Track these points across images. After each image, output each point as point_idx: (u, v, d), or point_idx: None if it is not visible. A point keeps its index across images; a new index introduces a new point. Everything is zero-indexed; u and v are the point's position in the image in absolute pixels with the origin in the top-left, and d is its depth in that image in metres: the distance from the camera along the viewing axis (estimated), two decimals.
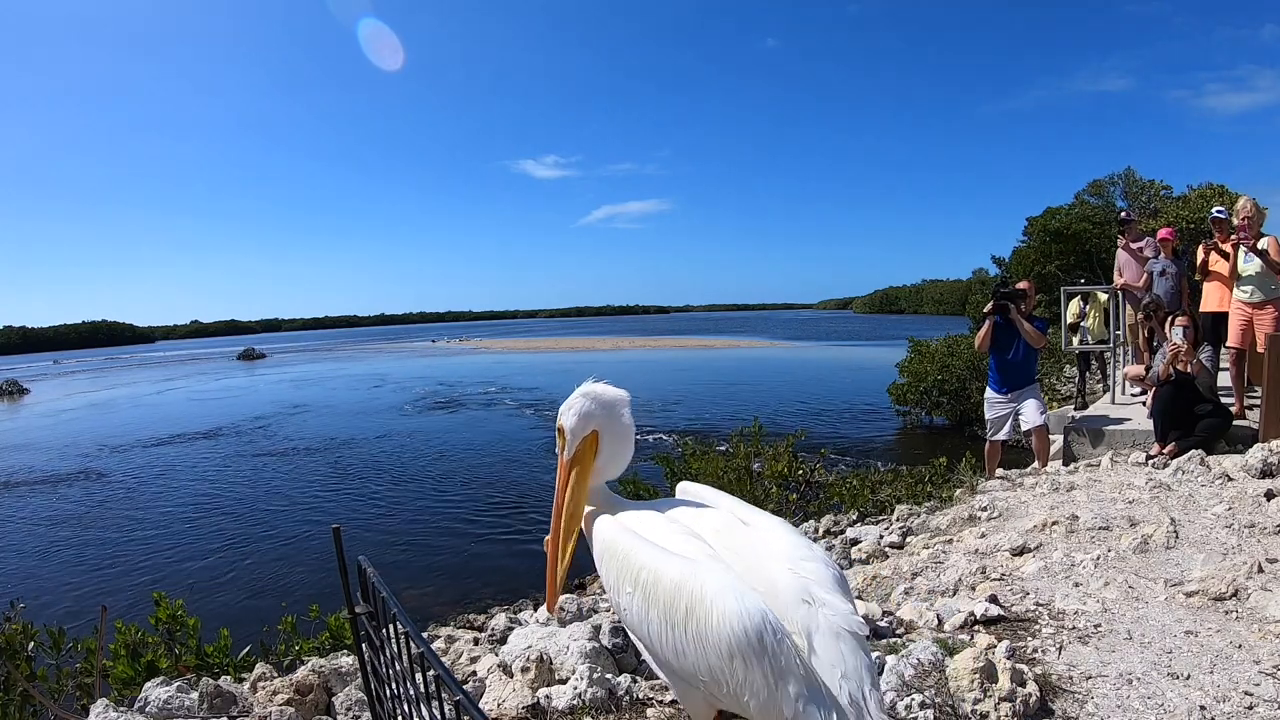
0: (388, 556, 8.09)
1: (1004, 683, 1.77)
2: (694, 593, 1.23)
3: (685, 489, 1.64)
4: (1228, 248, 5.58)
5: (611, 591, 1.40)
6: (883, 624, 2.39)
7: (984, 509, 4.02)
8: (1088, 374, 9.50)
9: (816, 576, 1.30)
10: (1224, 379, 5.86)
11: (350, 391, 27.21)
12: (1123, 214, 8.27)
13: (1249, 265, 5.34)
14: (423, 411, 20.79)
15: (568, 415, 1.54)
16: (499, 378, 29.92)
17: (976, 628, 2.31)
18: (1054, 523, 3.35)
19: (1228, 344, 5.66)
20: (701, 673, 1.24)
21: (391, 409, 21.51)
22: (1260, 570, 2.48)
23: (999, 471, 5.34)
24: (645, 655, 1.45)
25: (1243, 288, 5.42)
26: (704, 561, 1.31)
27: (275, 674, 2.45)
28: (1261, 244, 5.23)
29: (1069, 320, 8.56)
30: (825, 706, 1.16)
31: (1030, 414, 5.45)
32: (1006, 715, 1.72)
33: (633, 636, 1.45)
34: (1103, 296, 8.19)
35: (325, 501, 11.10)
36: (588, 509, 1.57)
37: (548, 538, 1.57)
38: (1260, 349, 5.14)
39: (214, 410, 22.69)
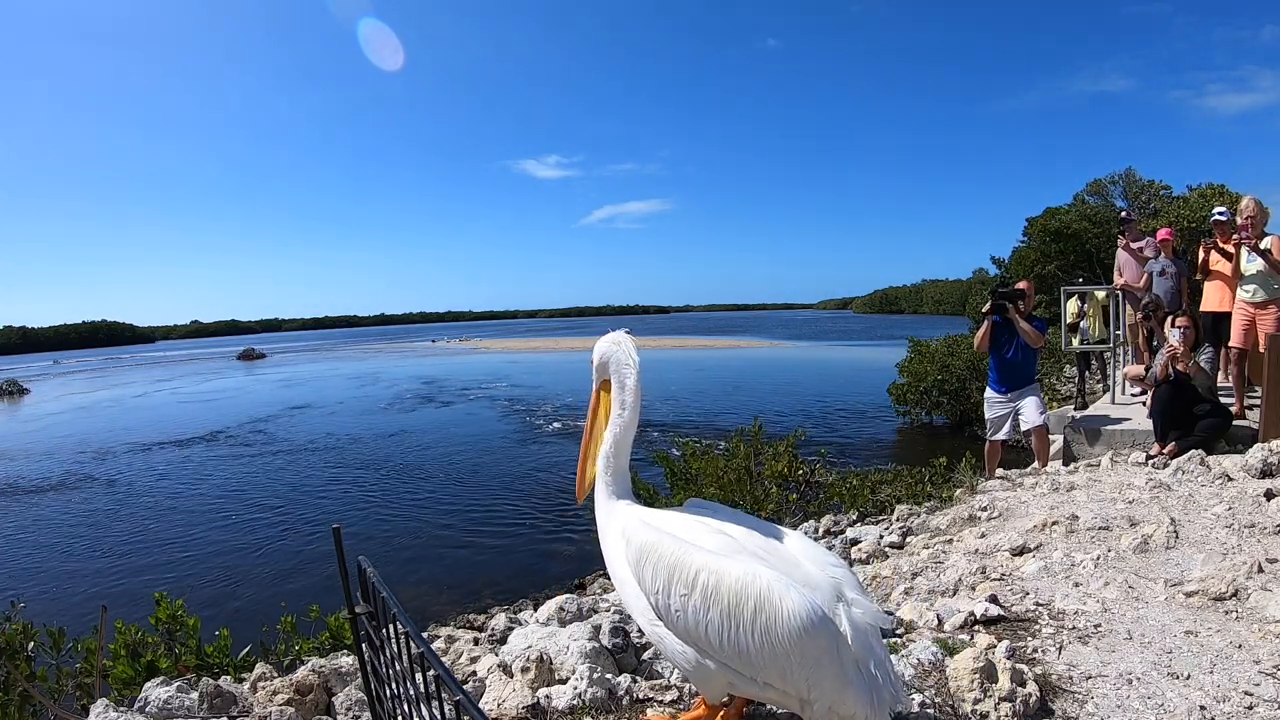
0: (388, 556, 8.09)
1: (1004, 683, 1.77)
2: (760, 592, 1.36)
3: (696, 502, 1.71)
4: (1229, 247, 5.58)
5: (658, 594, 1.47)
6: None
7: (984, 509, 4.02)
8: (1087, 374, 9.50)
9: (843, 578, 1.49)
10: (1225, 378, 5.86)
11: (349, 391, 27.22)
12: (1123, 214, 8.27)
13: (1251, 265, 5.34)
14: (422, 411, 20.80)
15: (595, 352, 1.74)
16: (499, 378, 29.94)
17: (976, 628, 2.30)
18: (1054, 523, 3.35)
19: (1229, 344, 5.65)
20: (766, 663, 1.37)
21: (391, 409, 21.52)
22: (1260, 570, 2.48)
23: (999, 471, 5.34)
24: (665, 644, 1.50)
25: (1245, 287, 5.42)
26: (757, 562, 1.43)
27: (275, 674, 2.45)
28: (1264, 244, 5.22)
29: (1068, 320, 8.56)
30: (867, 688, 1.37)
31: (1030, 414, 5.45)
32: (1006, 715, 1.72)
33: (657, 628, 1.50)
34: (1100, 296, 8.19)
35: (325, 501, 11.11)
36: (610, 501, 1.68)
37: (585, 439, 1.79)
38: (1263, 349, 5.14)
39: (214, 410, 22.69)
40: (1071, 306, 8.53)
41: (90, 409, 25.79)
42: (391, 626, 1.26)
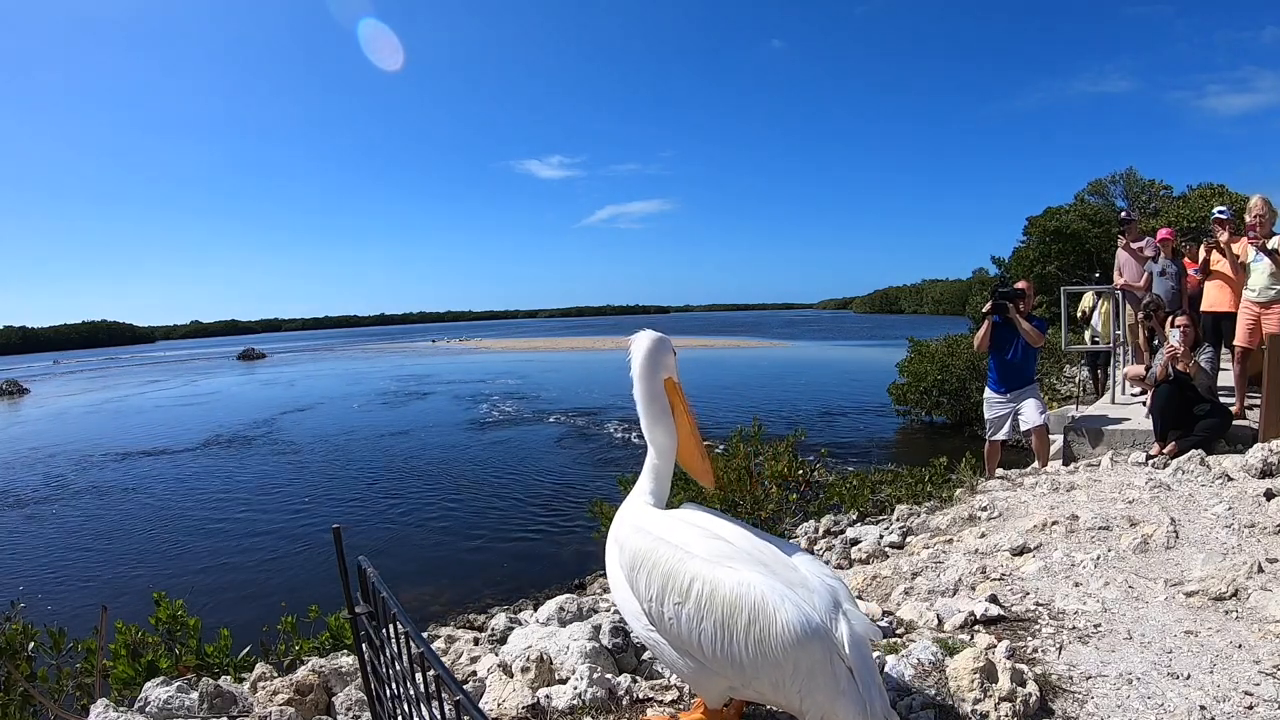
0: (388, 556, 8.09)
1: (1004, 683, 1.76)
2: (754, 603, 1.35)
3: (689, 508, 1.69)
4: (1237, 248, 5.56)
5: (651, 601, 1.45)
6: (883, 624, 2.39)
7: (984, 509, 4.02)
8: (1097, 371, 9.46)
9: (838, 587, 1.48)
10: (1228, 379, 5.84)
11: (349, 391, 27.22)
12: (1123, 214, 8.27)
13: (1258, 264, 5.32)
14: (422, 411, 20.80)
15: (648, 348, 1.73)
16: (497, 377, 29.96)
17: (976, 628, 2.30)
18: (1054, 522, 3.35)
19: (1234, 343, 5.63)
20: (759, 673, 1.36)
21: (391, 409, 21.52)
22: (1260, 570, 2.48)
23: (999, 471, 5.33)
24: (660, 650, 1.50)
25: (1251, 286, 5.41)
26: (753, 570, 1.42)
27: (275, 674, 2.45)
28: (1271, 243, 5.20)
29: (1081, 312, 8.56)
30: (860, 699, 1.36)
31: (1030, 414, 5.45)
32: (1006, 715, 1.71)
33: (652, 634, 1.50)
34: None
35: (325, 501, 11.11)
36: (632, 498, 1.69)
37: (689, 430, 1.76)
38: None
39: (214, 411, 22.70)
40: (1087, 300, 8.53)
41: (90, 410, 25.79)
42: (391, 626, 1.26)
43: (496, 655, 2.57)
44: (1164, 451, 4.81)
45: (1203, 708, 1.72)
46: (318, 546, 8.66)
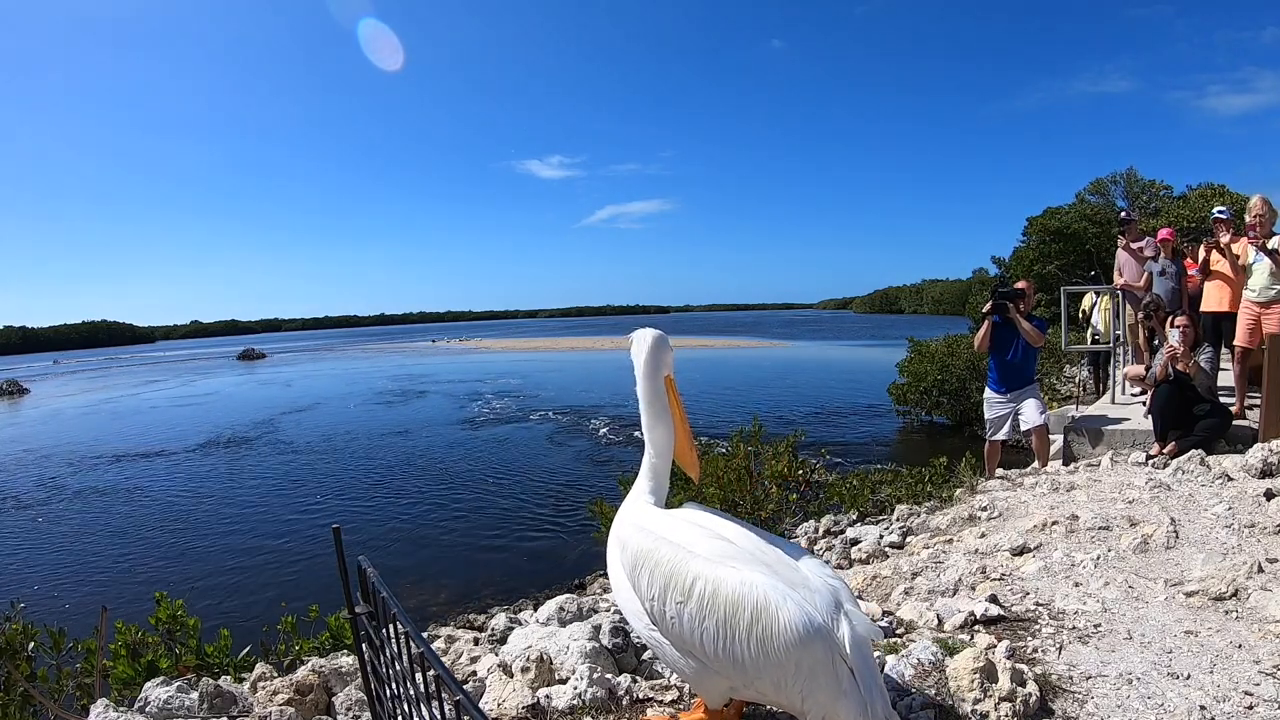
0: (388, 556, 8.10)
1: (1004, 683, 1.76)
2: (757, 602, 1.35)
3: (690, 508, 1.69)
4: (1237, 248, 5.56)
5: (653, 601, 1.45)
6: (883, 624, 2.39)
7: (984, 509, 4.02)
8: (1097, 371, 9.46)
9: (840, 587, 1.48)
10: (1228, 379, 5.84)
11: (349, 391, 27.23)
12: (1123, 214, 8.27)
13: (1259, 264, 5.32)
14: (422, 411, 20.81)
15: (650, 345, 1.73)
16: (497, 377, 29.95)
17: (976, 628, 2.30)
18: (1054, 522, 3.35)
19: (1234, 343, 5.63)
20: (761, 673, 1.36)
21: (391, 409, 21.52)
22: (1260, 570, 2.48)
23: (999, 471, 5.34)
24: (661, 649, 1.50)
25: (1251, 286, 5.41)
26: (756, 570, 1.42)
27: (275, 674, 2.45)
28: (1272, 243, 5.20)
29: (1081, 312, 8.58)
30: (860, 700, 1.36)
31: (1030, 414, 5.45)
32: (1006, 715, 1.71)
33: (653, 633, 1.50)
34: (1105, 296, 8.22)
35: (325, 501, 11.11)
36: (632, 498, 1.69)
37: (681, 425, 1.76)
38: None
39: (213, 411, 22.70)
40: (1087, 301, 8.54)
41: (90, 410, 25.78)
42: (391, 626, 1.26)
43: (496, 655, 2.57)
44: (1164, 451, 4.81)
45: (1203, 708, 1.72)
46: (317, 546, 8.66)
